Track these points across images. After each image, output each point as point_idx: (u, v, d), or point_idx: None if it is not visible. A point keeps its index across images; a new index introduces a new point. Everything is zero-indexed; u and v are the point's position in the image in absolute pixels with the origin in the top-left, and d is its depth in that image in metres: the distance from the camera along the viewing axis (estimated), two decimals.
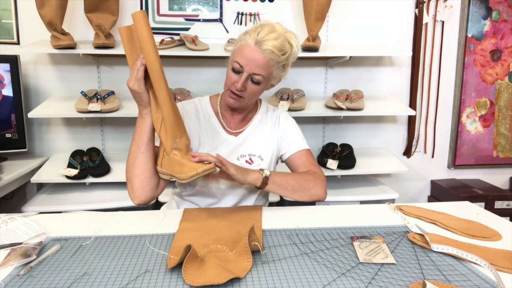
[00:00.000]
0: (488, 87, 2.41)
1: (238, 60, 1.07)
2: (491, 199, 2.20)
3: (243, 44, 1.08)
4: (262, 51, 1.05)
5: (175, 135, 1.00)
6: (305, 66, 2.24)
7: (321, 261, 0.80)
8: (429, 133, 2.43)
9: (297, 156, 1.22)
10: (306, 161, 1.21)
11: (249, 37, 1.07)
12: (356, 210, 1.13)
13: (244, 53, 1.06)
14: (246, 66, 1.06)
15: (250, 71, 1.06)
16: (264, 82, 1.11)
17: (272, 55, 1.06)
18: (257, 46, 1.05)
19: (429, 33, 2.31)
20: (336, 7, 2.17)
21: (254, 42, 1.05)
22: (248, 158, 1.20)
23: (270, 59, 1.07)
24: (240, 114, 1.24)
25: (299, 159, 1.22)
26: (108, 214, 1.07)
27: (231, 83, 1.10)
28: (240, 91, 1.09)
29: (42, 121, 2.10)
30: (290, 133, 1.25)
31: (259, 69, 1.06)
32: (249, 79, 1.09)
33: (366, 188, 2.10)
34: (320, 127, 2.31)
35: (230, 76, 1.10)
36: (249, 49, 1.06)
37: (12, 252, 0.82)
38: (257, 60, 1.05)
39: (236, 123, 1.24)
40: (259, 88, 1.12)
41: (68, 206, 1.74)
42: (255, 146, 1.22)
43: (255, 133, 1.24)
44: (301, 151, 1.23)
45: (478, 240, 0.93)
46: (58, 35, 1.77)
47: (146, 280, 0.72)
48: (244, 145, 1.22)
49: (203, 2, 2.11)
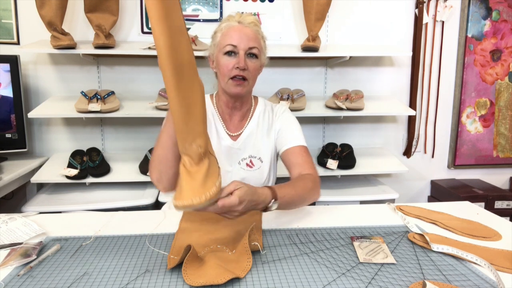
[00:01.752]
0: (488, 87, 2.41)
1: (230, 42, 1.08)
2: (491, 199, 2.20)
3: (227, 28, 1.11)
4: (247, 25, 1.11)
5: (184, 138, 0.81)
6: (305, 66, 2.24)
7: (321, 261, 0.80)
8: (429, 133, 2.43)
9: (292, 152, 1.16)
10: (301, 161, 1.14)
11: (229, 22, 1.12)
12: (356, 210, 1.13)
13: (233, 33, 1.09)
14: (240, 43, 1.08)
15: (245, 47, 1.08)
16: (260, 56, 1.13)
17: (256, 27, 1.13)
18: (241, 24, 1.11)
19: (429, 33, 2.31)
20: (336, 7, 2.17)
21: (236, 22, 1.11)
22: (248, 161, 1.19)
23: (256, 31, 1.13)
24: (240, 111, 1.21)
25: (295, 156, 1.15)
26: (108, 214, 1.07)
27: (231, 68, 1.09)
28: (243, 70, 1.08)
29: (42, 121, 2.10)
30: (286, 127, 1.21)
31: (252, 42, 1.10)
32: (247, 56, 1.10)
33: (366, 188, 2.10)
34: (320, 127, 2.31)
35: (226, 62, 1.09)
36: (235, 28, 1.10)
37: (12, 252, 0.82)
38: (248, 33, 1.10)
39: (235, 123, 1.22)
40: (258, 63, 1.13)
41: (68, 206, 1.74)
42: (255, 147, 1.20)
43: (253, 134, 1.21)
44: (296, 147, 1.16)
45: (478, 240, 0.93)
46: (58, 35, 1.77)
47: (146, 280, 0.72)
48: (244, 148, 1.20)
49: (203, 2, 2.11)
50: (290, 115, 1.25)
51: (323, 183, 2.13)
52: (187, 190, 0.77)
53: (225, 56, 1.10)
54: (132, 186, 1.93)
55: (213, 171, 0.83)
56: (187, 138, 0.81)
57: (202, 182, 0.78)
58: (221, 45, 1.10)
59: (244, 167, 1.19)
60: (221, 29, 1.13)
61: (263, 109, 1.25)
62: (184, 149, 0.82)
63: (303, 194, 1.02)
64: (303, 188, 1.03)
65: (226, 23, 1.13)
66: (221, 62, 1.10)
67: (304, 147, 1.17)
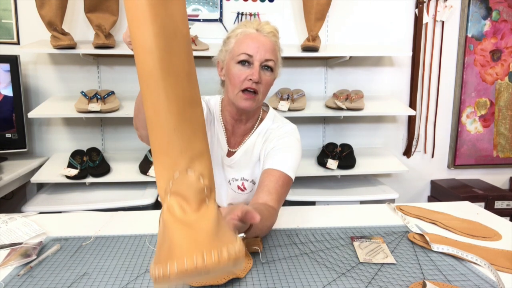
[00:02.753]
0: (488, 87, 2.40)
1: (246, 51, 0.99)
2: (491, 199, 2.20)
3: (244, 35, 1.02)
4: (266, 34, 1.02)
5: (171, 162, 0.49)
6: (305, 66, 2.24)
7: (321, 261, 0.80)
8: (429, 133, 2.43)
9: (270, 174, 0.98)
10: (273, 189, 0.95)
11: (246, 28, 1.03)
12: (356, 210, 1.13)
13: (250, 42, 1.00)
14: (256, 53, 0.99)
15: (261, 58, 0.99)
16: (275, 69, 1.05)
17: (275, 37, 1.04)
18: (259, 32, 1.02)
19: (429, 33, 2.31)
20: (336, 7, 2.17)
21: (255, 29, 1.02)
22: (240, 183, 1.10)
23: (275, 43, 1.04)
24: (244, 125, 1.11)
25: (270, 180, 0.96)
26: (108, 214, 1.07)
27: (243, 79, 0.99)
28: (256, 83, 0.99)
29: (42, 121, 2.10)
30: (281, 148, 1.04)
31: (269, 54, 1.01)
32: (261, 68, 1.01)
33: (366, 188, 2.10)
34: (320, 127, 2.31)
35: (239, 73, 0.99)
36: (252, 36, 1.01)
37: (12, 252, 0.82)
38: (266, 44, 1.01)
39: (237, 137, 1.12)
40: (272, 77, 1.05)
41: (68, 206, 1.73)
42: (248, 169, 1.10)
43: (248, 153, 1.10)
44: (278, 171, 0.98)
45: (478, 240, 0.93)
46: (58, 35, 1.77)
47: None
48: (236, 167, 1.10)
49: (203, 2, 2.11)
50: (294, 141, 1.08)
51: (323, 183, 2.14)
52: (184, 243, 0.44)
53: (238, 65, 1.00)
54: (132, 186, 1.93)
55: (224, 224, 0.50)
56: (177, 162, 0.48)
57: (213, 231, 0.46)
58: (235, 53, 1.01)
59: (235, 189, 1.10)
60: (236, 35, 1.03)
61: (268, 126, 1.12)
62: (168, 183, 0.48)
63: (260, 232, 0.86)
64: (265, 226, 0.87)
65: (243, 29, 1.03)
66: (233, 71, 1.01)
67: (287, 177, 0.99)
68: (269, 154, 1.04)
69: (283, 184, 0.97)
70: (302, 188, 2.03)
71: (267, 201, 0.92)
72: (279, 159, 1.01)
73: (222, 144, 1.11)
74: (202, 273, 0.42)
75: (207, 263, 0.41)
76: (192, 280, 0.48)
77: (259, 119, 1.13)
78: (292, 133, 1.09)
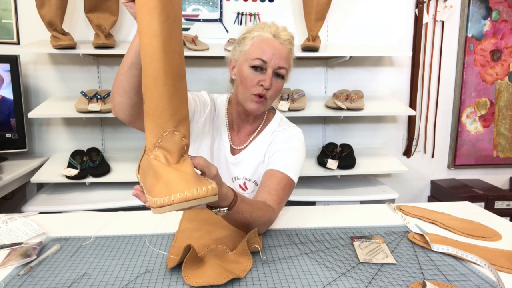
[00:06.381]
0: (488, 87, 2.40)
1: (261, 56, 0.99)
2: (491, 199, 2.20)
3: (260, 39, 1.01)
4: (282, 42, 1.01)
5: (163, 123, 0.63)
6: (305, 66, 2.24)
7: (321, 261, 0.80)
8: (429, 133, 2.43)
9: (272, 175, 0.99)
10: (274, 190, 0.96)
11: (264, 32, 1.01)
12: (356, 210, 1.13)
13: (266, 48, 0.99)
14: (271, 60, 0.99)
15: (274, 66, 1.00)
16: (286, 77, 1.05)
17: (290, 45, 1.03)
18: (276, 38, 1.01)
19: (429, 33, 2.31)
20: (336, 7, 2.17)
21: (272, 35, 1.01)
22: (242, 183, 1.10)
23: (290, 50, 1.04)
24: (250, 125, 1.13)
25: (271, 181, 0.98)
26: (108, 214, 1.07)
27: (255, 84, 1.00)
28: (267, 89, 1.00)
29: (42, 121, 2.10)
30: (286, 151, 1.05)
31: (283, 62, 1.01)
32: (273, 74, 1.01)
33: (366, 188, 2.10)
34: (320, 127, 2.31)
35: (251, 76, 1.00)
36: (269, 42, 1.00)
37: (12, 252, 0.82)
38: (281, 52, 1.00)
39: (242, 137, 1.13)
40: (282, 84, 1.05)
41: (68, 206, 1.74)
42: (251, 169, 1.10)
43: (253, 154, 1.11)
44: (280, 173, 0.99)
45: (478, 240, 0.93)
46: (58, 35, 1.77)
47: (146, 280, 0.72)
48: (240, 166, 1.11)
49: (203, 2, 2.11)
50: (299, 144, 1.08)
51: (323, 183, 2.14)
52: (178, 181, 0.59)
53: (251, 69, 1.00)
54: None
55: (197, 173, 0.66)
56: (167, 123, 0.62)
57: (195, 175, 0.63)
58: (250, 56, 1.01)
59: (236, 187, 1.10)
60: (252, 37, 1.02)
61: (275, 128, 1.13)
62: (160, 138, 0.63)
63: (252, 222, 0.85)
64: (257, 217, 0.86)
65: (259, 32, 1.02)
66: (245, 74, 1.01)
67: (290, 179, 1.00)
68: (274, 156, 1.05)
69: (284, 186, 0.98)
70: (302, 188, 2.03)
71: (266, 200, 0.93)
72: (283, 161, 1.02)
73: (224, 142, 1.12)
74: (196, 202, 0.59)
75: (200, 194, 0.59)
76: (185, 208, 0.59)
77: (264, 120, 1.15)
78: (298, 136, 1.10)
